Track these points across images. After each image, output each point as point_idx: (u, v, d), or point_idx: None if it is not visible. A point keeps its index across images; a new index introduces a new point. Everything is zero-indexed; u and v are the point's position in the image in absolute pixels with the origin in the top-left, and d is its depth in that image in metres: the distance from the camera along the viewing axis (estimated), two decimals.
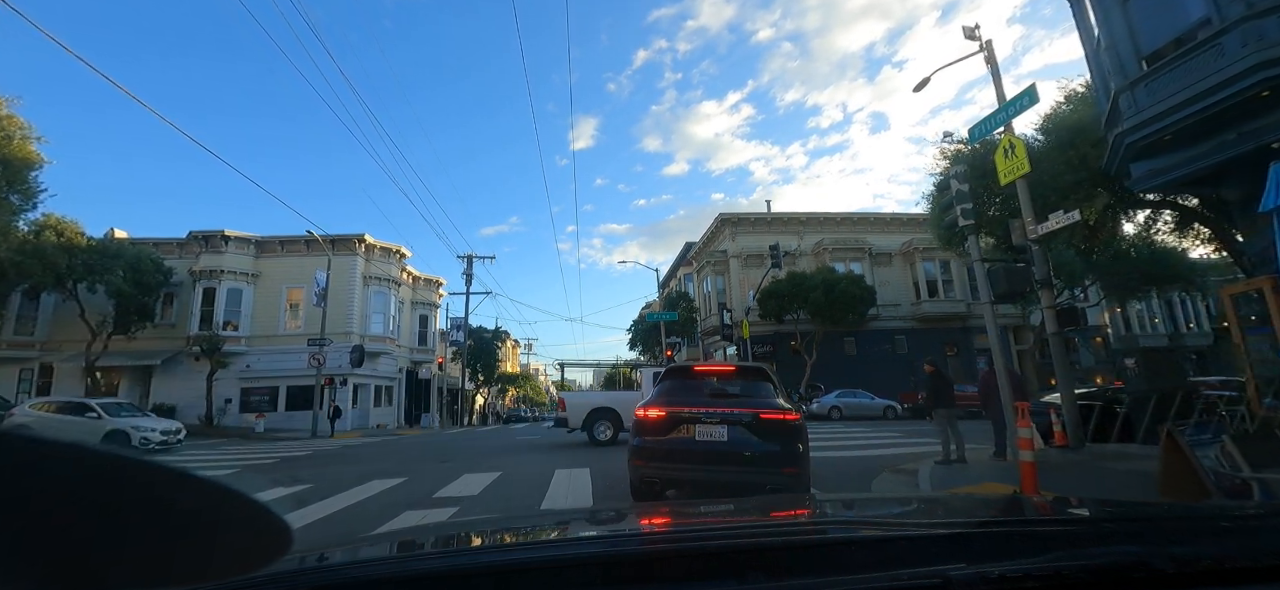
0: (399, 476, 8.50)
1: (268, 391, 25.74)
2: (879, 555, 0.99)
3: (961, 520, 1.32)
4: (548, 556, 1.08)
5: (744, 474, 4.91)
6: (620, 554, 1.11)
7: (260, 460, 12.52)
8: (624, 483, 6.32)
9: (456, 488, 7.40)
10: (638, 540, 1.31)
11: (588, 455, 10.66)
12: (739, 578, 0.93)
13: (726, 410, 5.12)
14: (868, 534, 1.16)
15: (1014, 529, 1.19)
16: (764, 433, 4.99)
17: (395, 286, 29.92)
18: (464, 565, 1.09)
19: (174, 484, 0.40)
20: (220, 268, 25.59)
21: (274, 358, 25.79)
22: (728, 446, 4.97)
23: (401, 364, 32.29)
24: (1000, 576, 0.85)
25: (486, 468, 9.05)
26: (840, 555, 1.02)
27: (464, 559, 1.17)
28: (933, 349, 29.39)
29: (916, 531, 1.17)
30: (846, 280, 24.51)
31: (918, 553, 0.97)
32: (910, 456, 9.49)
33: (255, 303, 26.51)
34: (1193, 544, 1.05)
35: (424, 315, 35.79)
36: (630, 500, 5.61)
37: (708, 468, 5.02)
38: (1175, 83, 6.99)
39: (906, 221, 31.47)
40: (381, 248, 28.94)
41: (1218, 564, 0.93)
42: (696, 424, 5.09)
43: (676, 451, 5.09)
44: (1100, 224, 13.78)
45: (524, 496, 6.83)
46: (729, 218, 30.03)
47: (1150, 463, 7.26)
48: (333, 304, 25.31)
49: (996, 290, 6.17)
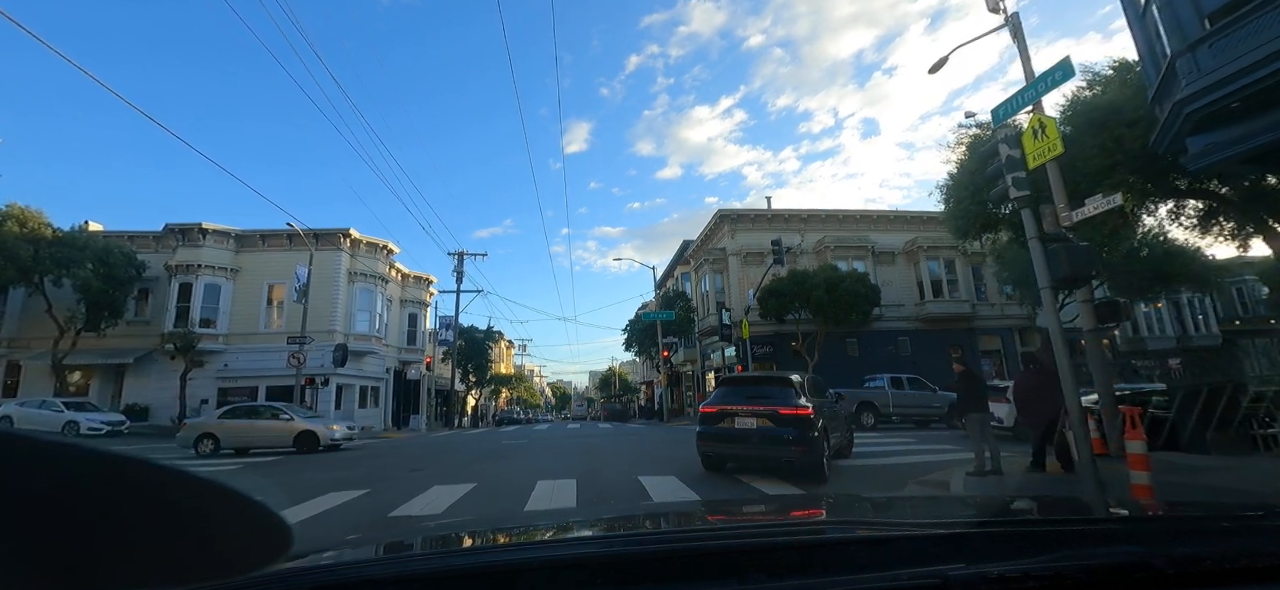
0: (360, 488, 7.52)
1: (247, 392, 24.60)
2: (879, 555, 0.98)
3: (961, 520, 1.29)
4: (547, 556, 1.07)
5: (767, 449, 7.16)
6: (620, 554, 1.08)
7: (225, 467, 11.49)
8: (613, 495, 6.75)
9: (421, 503, 6.43)
10: (637, 540, 1.28)
11: (574, 463, 9.70)
12: (739, 578, 0.92)
13: (756, 407, 7.27)
14: (867, 534, 1.15)
15: (1014, 529, 1.18)
16: (782, 422, 7.04)
17: (382, 283, 28.86)
18: (464, 565, 1.08)
19: (174, 484, 0.40)
20: (197, 262, 24.48)
21: (254, 357, 24.70)
22: (756, 432, 7.17)
23: (389, 364, 31.23)
24: (1000, 576, 0.85)
25: (462, 478, 8.08)
26: (840, 555, 1.02)
27: (464, 559, 1.16)
28: (937, 351, 28.48)
29: (916, 531, 1.15)
30: (851, 278, 23.59)
31: (917, 553, 0.97)
32: (934, 466, 8.57)
33: (235, 299, 25.40)
34: (1193, 544, 1.05)
35: (413, 314, 34.72)
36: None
37: (743, 446, 7.31)
38: (1248, 41, 6.10)
39: (909, 219, 30.64)
40: (368, 243, 27.88)
41: (1218, 564, 0.92)
42: (736, 416, 7.35)
43: (724, 435, 7.44)
44: (1120, 216, 12.93)
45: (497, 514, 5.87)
46: (728, 214, 29.11)
47: (1221, 475, 6.38)
48: (315, 301, 24.25)
49: (1057, 274, 5.25)
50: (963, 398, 7.43)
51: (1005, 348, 29.49)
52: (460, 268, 32.10)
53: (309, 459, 12.75)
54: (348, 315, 26.68)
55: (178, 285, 24.28)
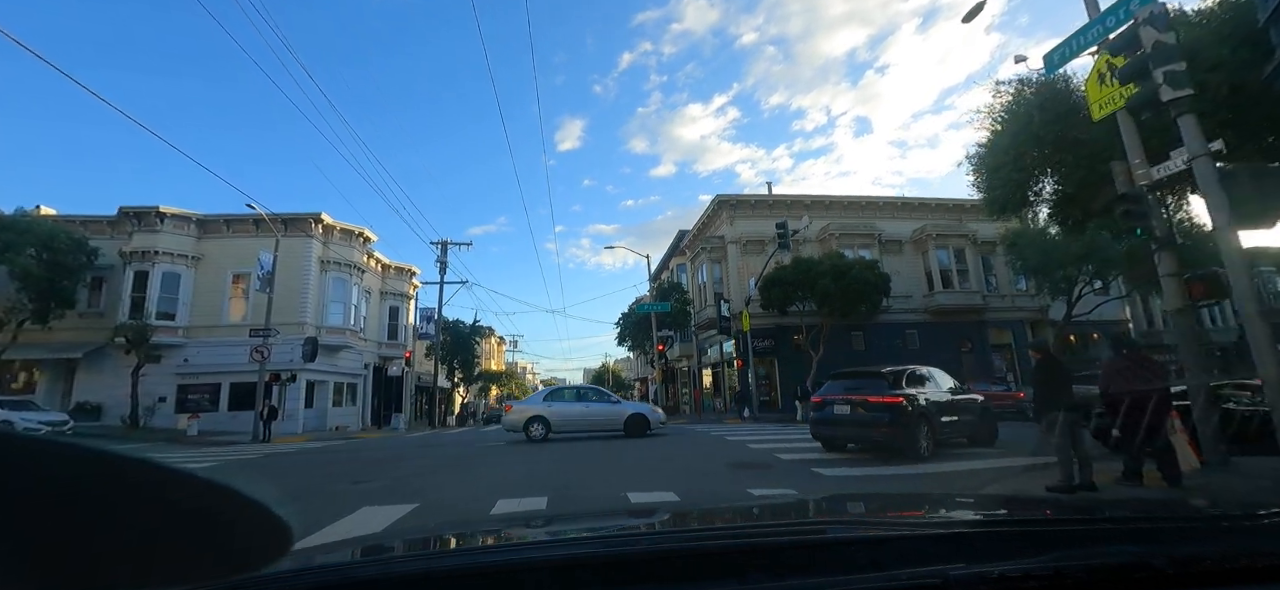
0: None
1: (208, 389, 22.86)
2: (879, 555, 0.98)
3: (961, 520, 1.29)
4: (548, 556, 1.07)
5: (857, 431, 8.74)
6: (620, 554, 1.09)
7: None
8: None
9: (339, 531, 4.82)
10: (638, 540, 1.30)
11: (551, 473, 8.10)
12: (739, 578, 0.92)
13: (848, 397, 8.83)
14: (868, 534, 1.15)
15: (1014, 529, 1.18)
16: (869, 408, 8.45)
17: (358, 273, 27.07)
18: (464, 566, 1.08)
19: (174, 483, 0.40)
20: (154, 248, 22.62)
21: (216, 351, 22.88)
22: (849, 417, 8.74)
23: (368, 360, 29.49)
24: (1000, 576, 0.84)
25: (403, 496, 6.43)
26: (840, 555, 1.01)
27: (464, 560, 1.16)
28: (947, 345, 27.05)
29: (916, 531, 1.16)
30: (860, 266, 22.02)
31: (917, 553, 0.96)
32: (990, 474, 7.01)
33: (195, 289, 23.56)
34: (1193, 544, 1.04)
35: (395, 307, 32.97)
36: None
37: (839, 429, 8.98)
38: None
39: (917, 207, 29.17)
40: (342, 229, 26.05)
41: (1218, 564, 0.92)
42: (834, 406, 8.98)
43: (825, 420, 9.14)
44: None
45: None
46: (727, 200, 27.50)
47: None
48: (283, 291, 22.49)
49: (1241, 204, 3.70)
50: (1043, 392, 5.87)
51: (1016, 342, 28.07)
52: (444, 258, 30.35)
53: (252, 465, 11.09)
54: (319, 306, 24.89)
55: (133, 273, 22.44)
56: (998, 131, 10.86)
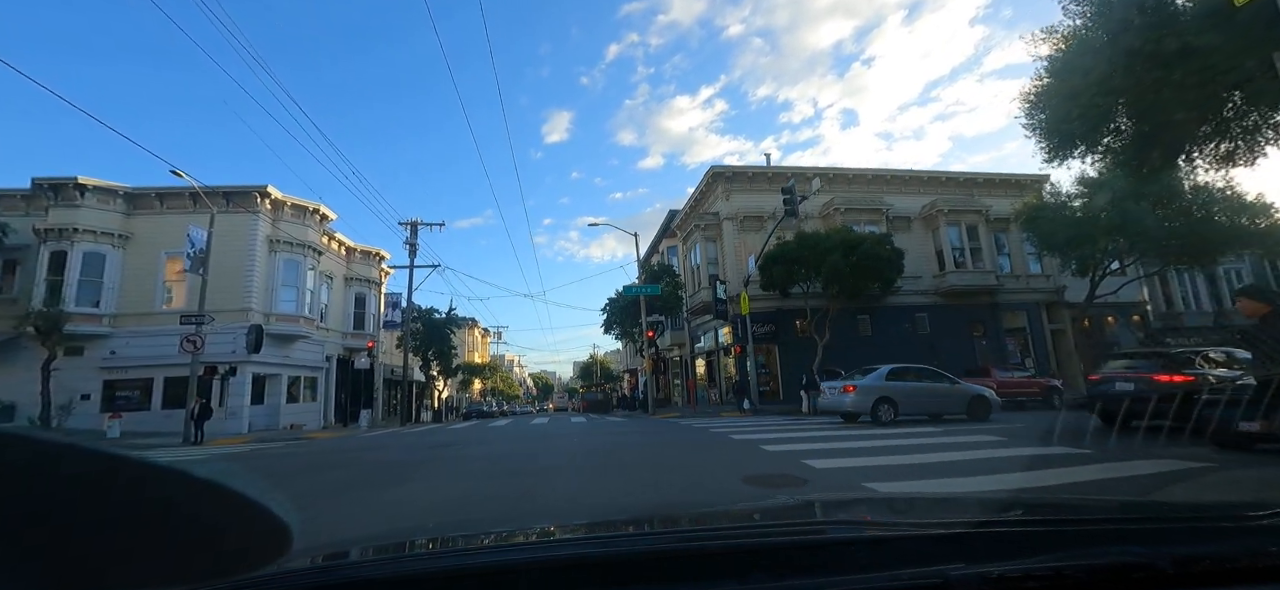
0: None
1: (139, 385, 20.23)
2: (879, 555, 0.97)
3: (961, 520, 1.26)
4: (548, 557, 1.06)
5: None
6: (620, 554, 1.08)
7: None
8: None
9: None
10: (637, 540, 1.28)
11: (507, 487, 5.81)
12: (740, 578, 0.91)
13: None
14: (868, 534, 1.14)
15: (1014, 529, 1.17)
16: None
17: (314, 254, 24.43)
18: (464, 565, 1.07)
19: (174, 483, 0.40)
20: (73, 226, 19.86)
21: (148, 342, 20.23)
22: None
23: (330, 351, 26.94)
24: (1000, 576, 0.84)
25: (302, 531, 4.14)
26: (840, 555, 1.00)
27: (464, 559, 1.15)
28: (958, 328, 25.15)
29: (916, 531, 1.14)
30: (871, 240, 19.89)
31: (918, 553, 0.96)
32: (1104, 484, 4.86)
33: (124, 272, 20.85)
34: (1193, 544, 1.01)
35: (361, 294, 30.38)
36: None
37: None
38: None
39: (927, 180, 27.14)
40: (294, 205, 23.37)
41: (1218, 564, 0.91)
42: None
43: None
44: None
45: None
46: (723, 172, 25.23)
47: None
48: (225, 273, 19.94)
49: None
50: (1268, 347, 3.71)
51: (1031, 326, 26.27)
52: (413, 239, 27.83)
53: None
54: (268, 291, 22.26)
55: (48, 254, 19.69)
56: (1072, 46, 8.71)
